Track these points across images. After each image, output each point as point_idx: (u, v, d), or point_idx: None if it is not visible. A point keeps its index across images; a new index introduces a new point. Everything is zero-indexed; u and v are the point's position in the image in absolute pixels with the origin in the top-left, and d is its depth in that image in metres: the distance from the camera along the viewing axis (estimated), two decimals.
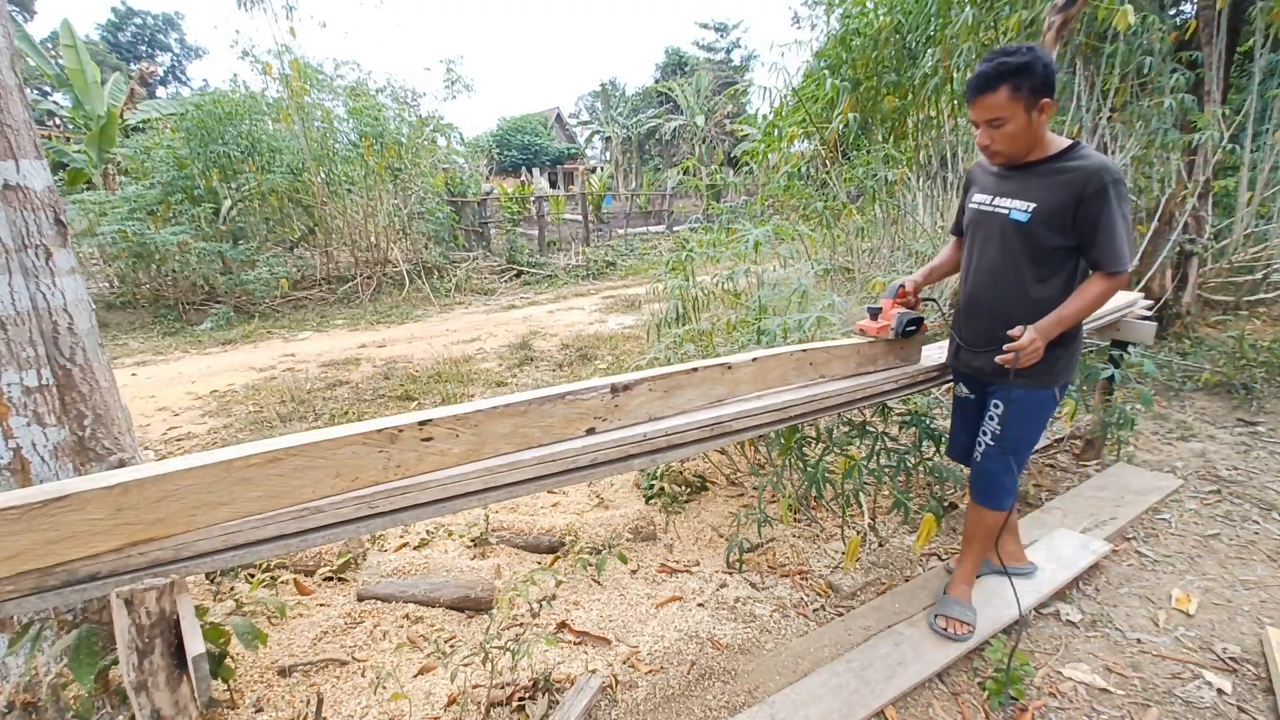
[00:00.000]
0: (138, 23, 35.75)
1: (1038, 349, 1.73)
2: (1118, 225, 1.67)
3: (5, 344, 1.55)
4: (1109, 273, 1.72)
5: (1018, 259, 1.81)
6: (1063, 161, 1.73)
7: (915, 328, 2.06)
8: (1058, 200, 1.71)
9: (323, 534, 1.21)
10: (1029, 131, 1.69)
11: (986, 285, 1.91)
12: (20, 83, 1.61)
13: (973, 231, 1.96)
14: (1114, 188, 1.65)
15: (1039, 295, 1.80)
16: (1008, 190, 1.82)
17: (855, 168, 5.20)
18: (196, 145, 8.94)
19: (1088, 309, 1.75)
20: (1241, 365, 4.27)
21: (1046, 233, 1.74)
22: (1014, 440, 1.93)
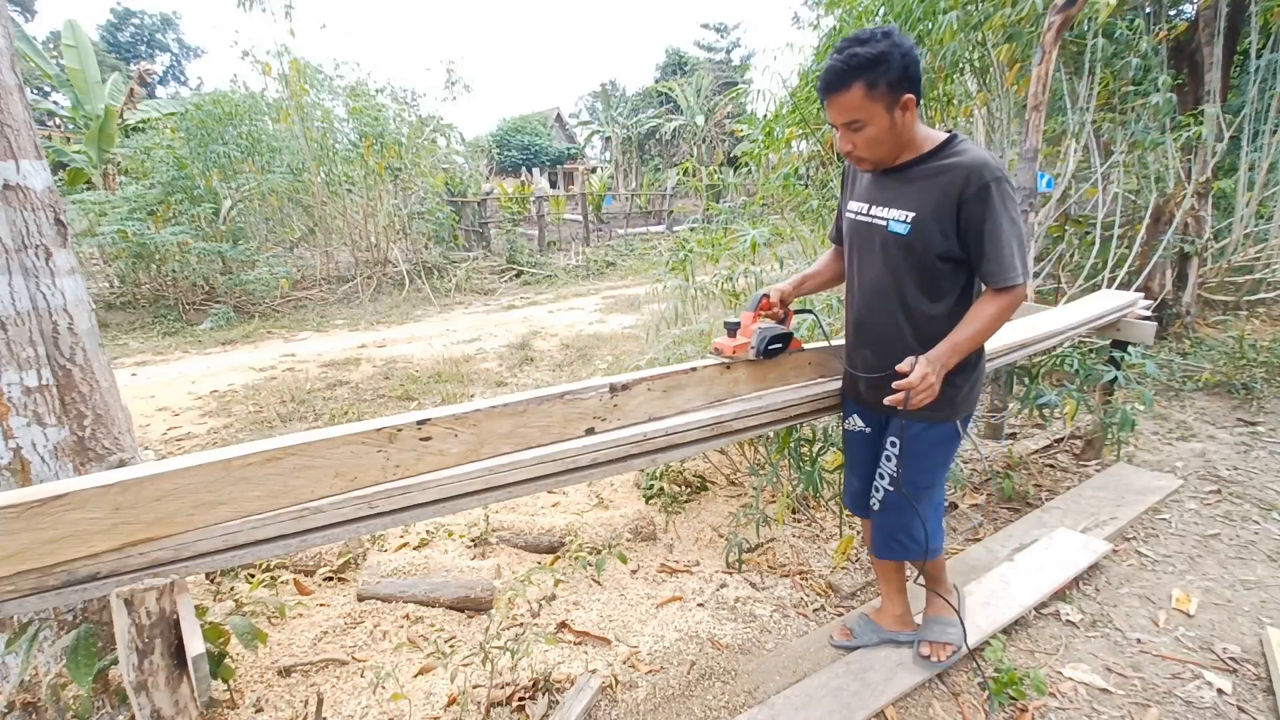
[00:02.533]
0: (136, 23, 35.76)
1: (931, 386, 1.49)
2: (1003, 232, 1.45)
3: (5, 344, 1.55)
4: (998, 288, 1.50)
5: (902, 275, 1.59)
6: (937, 160, 1.51)
7: (781, 346, 1.80)
8: (936, 205, 1.49)
9: (323, 534, 1.21)
10: (893, 133, 1.47)
11: (872, 306, 1.68)
12: (20, 83, 1.61)
13: (851, 244, 1.73)
14: (996, 187, 1.44)
15: (931, 314, 1.59)
16: (883, 198, 1.60)
17: None
18: (196, 145, 8.95)
19: (984, 332, 1.52)
20: (1241, 365, 4.27)
21: (930, 244, 1.52)
22: (914, 483, 1.72)
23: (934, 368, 1.50)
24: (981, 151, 1.49)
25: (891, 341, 1.64)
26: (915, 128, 1.52)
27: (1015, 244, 1.46)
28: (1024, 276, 1.47)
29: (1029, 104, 3.77)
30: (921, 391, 1.48)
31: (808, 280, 1.90)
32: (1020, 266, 1.47)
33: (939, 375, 1.50)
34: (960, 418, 1.70)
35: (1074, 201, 5.20)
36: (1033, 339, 2.57)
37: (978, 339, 1.53)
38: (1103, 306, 3.04)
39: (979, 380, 1.72)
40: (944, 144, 1.53)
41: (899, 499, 1.73)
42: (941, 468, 1.76)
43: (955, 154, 1.50)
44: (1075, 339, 3.00)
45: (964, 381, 1.65)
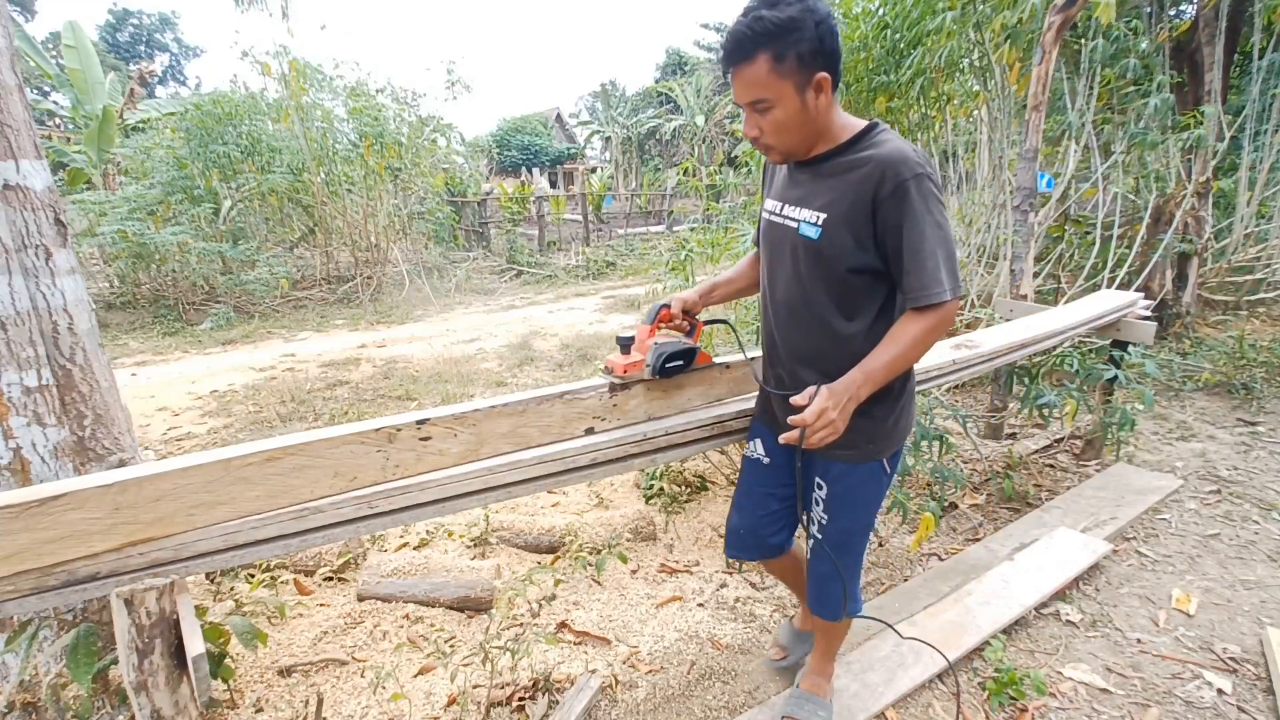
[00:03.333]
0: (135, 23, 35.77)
1: (830, 423, 1.26)
2: (925, 239, 1.22)
3: (5, 344, 1.55)
4: (920, 306, 1.25)
5: (814, 287, 1.36)
6: (852, 153, 1.29)
7: (682, 363, 1.58)
8: (849, 207, 1.27)
9: (323, 534, 1.21)
10: (805, 117, 1.25)
11: (783, 321, 1.46)
12: (20, 83, 1.61)
13: (764, 248, 1.51)
14: (915, 185, 1.21)
15: (847, 334, 1.37)
16: (795, 196, 1.38)
17: None
18: (196, 145, 8.95)
19: (904, 357, 1.28)
20: (1241, 365, 4.27)
21: (841, 252, 1.30)
22: (835, 533, 1.50)
23: (837, 401, 1.27)
24: (901, 143, 1.27)
25: (807, 362, 1.43)
26: (832, 114, 1.30)
27: (941, 253, 1.23)
28: (952, 292, 1.24)
29: (1029, 104, 3.77)
30: (820, 429, 1.26)
31: (719, 287, 1.67)
32: (947, 280, 1.23)
33: (843, 409, 1.27)
34: (886, 455, 1.46)
35: (1074, 201, 5.20)
36: (1033, 339, 2.58)
37: (895, 366, 1.28)
38: (1103, 306, 3.04)
39: (907, 410, 1.47)
40: (862, 134, 1.31)
41: (825, 551, 1.53)
42: (866, 514, 1.52)
43: (871, 146, 1.28)
44: (1075, 339, 3.00)
45: (886, 413, 1.41)
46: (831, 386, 1.29)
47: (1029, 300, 3.87)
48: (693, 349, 1.61)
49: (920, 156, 1.25)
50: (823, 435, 1.27)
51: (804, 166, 1.37)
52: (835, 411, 1.26)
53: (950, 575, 2.37)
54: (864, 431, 1.39)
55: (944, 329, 1.28)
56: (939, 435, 2.51)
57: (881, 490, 1.51)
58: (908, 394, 1.47)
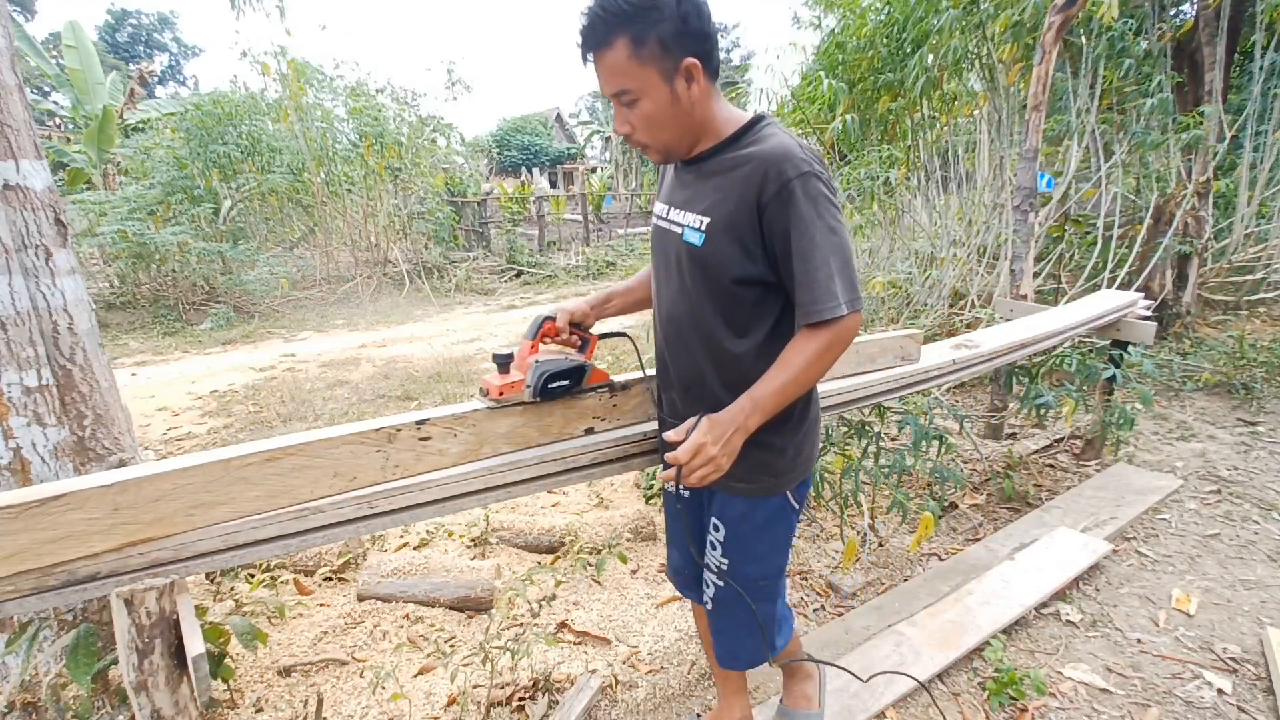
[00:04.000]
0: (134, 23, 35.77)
1: (712, 460, 1.10)
2: (816, 247, 1.08)
3: (5, 344, 1.55)
4: (814, 323, 1.10)
5: (700, 300, 1.21)
6: (735, 149, 1.15)
7: (569, 382, 1.40)
8: (733, 211, 1.13)
9: (323, 534, 1.21)
10: (678, 110, 1.12)
11: (669, 338, 1.32)
12: (20, 83, 1.61)
13: (653, 257, 1.37)
14: (802, 186, 1.07)
15: (737, 353, 1.22)
16: (680, 198, 1.24)
17: (855, 169, 5.21)
18: (196, 145, 8.96)
19: (797, 382, 1.12)
20: (1241, 365, 4.27)
21: (725, 262, 1.15)
22: (743, 575, 1.33)
23: (719, 434, 1.11)
24: (786, 137, 1.13)
25: (698, 385, 1.28)
26: (712, 106, 1.16)
27: (834, 262, 1.08)
28: (849, 305, 1.09)
29: (1029, 104, 3.77)
30: (699, 468, 1.10)
31: (615, 297, 1.52)
32: (842, 292, 1.08)
33: (727, 443, 1.11)
34: (790, 488, 1.30)
35: (1074, 202, 5.21)
36: (1033, 339, 2.58)
37: (788, 391, 1.13)
38: (1103, 306, 3.04)
39: (810, 436, 1.32)
40: (746, 128, 1.17)
41: (732, 594, 1.34)
42: (775, 554, 1.36)
43: (754, 142, 1.14)
44: (1075, 339, 3.00)
45: (785, 442, 1.26)
46: (714, 417, 1.13)
47: (1029, 300, 3.87)
48: (581, 367, 1.42)
49: (808, 153, 1.11)
50: (703, 474, 1.11)
51: (689, 165, 1.23)
52: (717, 447, 1.10)
53: (950, 575, 2.37)
54: (762, 463, 1.24)
55: (842, 347, 1.13)
56: (939, 435, 2.51)
57: (789, 528, 1.35)
58: (811, 418, 1.32)
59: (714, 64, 1.13)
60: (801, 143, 1.13)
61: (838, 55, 5.36)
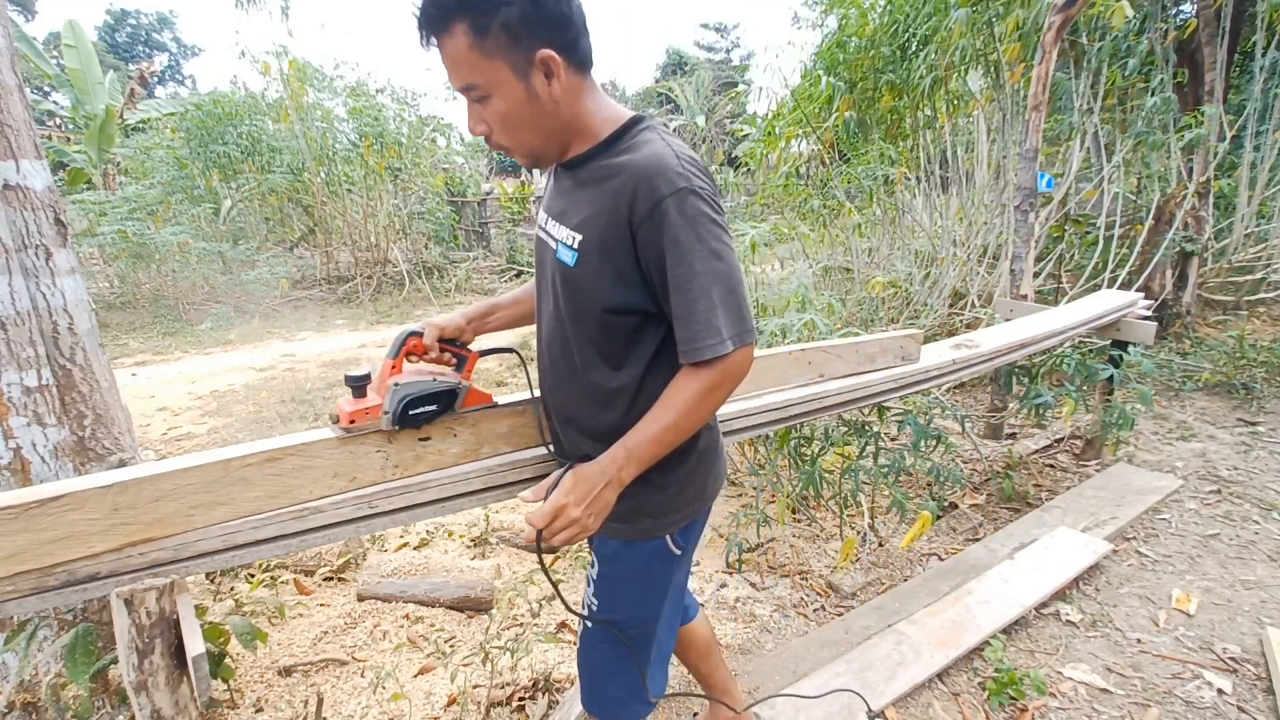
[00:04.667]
0: (133, 23, 35.78)
1: (575, 522, 0.97)
2: (695, 276, 0.94)
3: (5, 344, 1.55)
4: (696, 362, 0.97)
5: (574, 327, 1.08)
6: (610, 155, 1.01)
7: (436, 408, 1.23)
8: (605, 229, 0.98)
9: (323, 534, 1.21)
10: (538, 109, 0.96)
11: (547, 367, 1.18)
12: (20, 83, 1.61)
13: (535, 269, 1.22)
14: (677, 206, 0.93)
15: (613, 388, 1.07)
16: (557, 207, 1.09)
17: (855, 167, 5.21)
18: (196, 145, 8.96)
19: (677, 427, 1.00)
20: (1241, 365, 4.27)
21: (598, 288, 1.01)
22: (617, 619, 1.18)
23: (586, 491, 0.98)
24: (662, 146, 0.97)
25: (576, 420, 1.14)
26: (584, 103, 1.01)
27: (716, 292, 0.95)
28: (736, 340, 0.96)
29: (1029, 104, 3.77)
30: (560, 531, 0.97)
31: (498, 311, 1.34)
32: (726, 326, 0.95)
33: (595, 501, 0.98)
34: (673, 530, 1.14)
35: (1075, 202, 5.21)
36: (1033, 339, 2.58)
37: (667, 438, 1.00)
38: (1103, 306, 3.04)
39: (702, 471, 1.16)
40: (622, 131, 1.02)
41: (601, 636, 1.20)
42: (646, 607, 1.18)
43: (627, 149, 0.99)
44: (1075, 339, 3.00)
45: (669, 479, 1.11)
46: (580, 472, 1.00)
47: (1029, 300, 3.87)
48: (452, 390, 1.24)
49: (686, 164, 0.96)
50: (566, 537, 0.98)
51: (567, 170, 1.08)
52: (580, 507, 0.97)
53: (950, 575, 2.37)
54: (642, 500, 1.09)
55: (730, 386, 1.00)
56: (939, 435, 2.51)
57: (668, 574, 1.17)
58: (700, 451, 1.15)
59: (580, 54, 0.97)
60: (680, 150, 0.99)
61: (838, 55, 5.37)
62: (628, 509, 1.08)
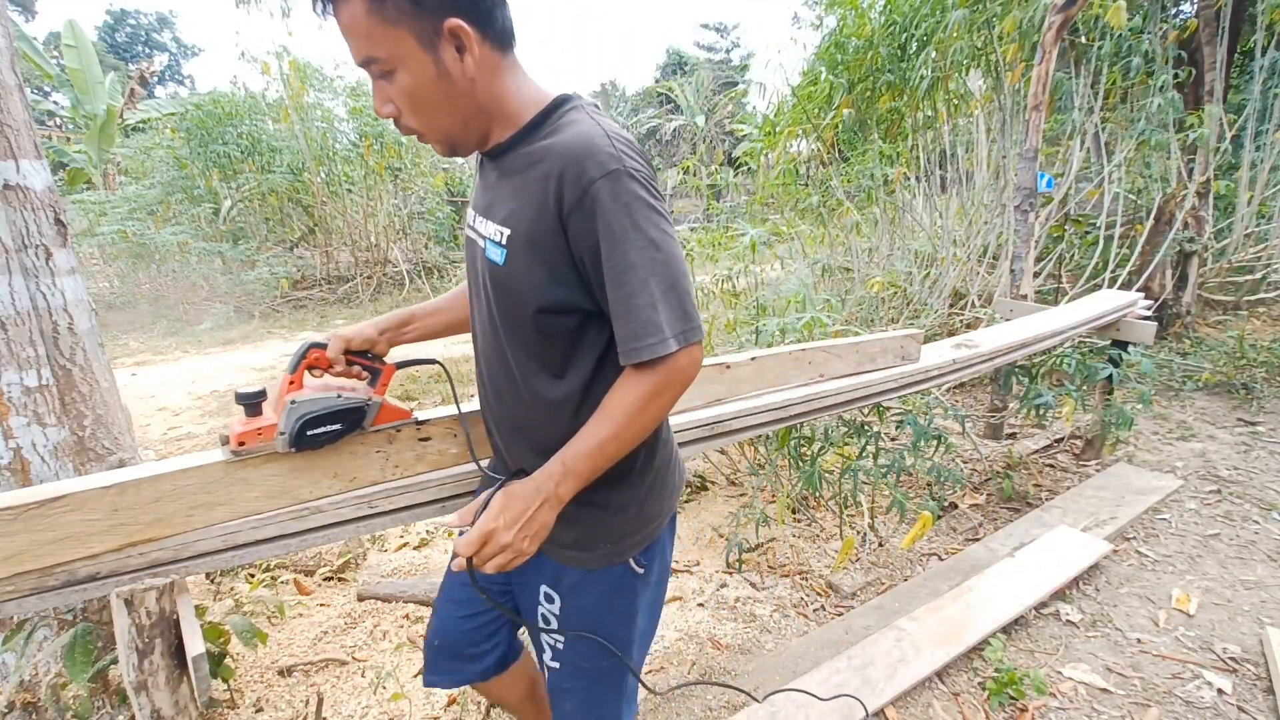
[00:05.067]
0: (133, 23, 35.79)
1: (506, 547, 0.87)
2: (632, 268, 0.85)
3: (5, 344, 1.55)
4: (635, 363, 0.88)
5: (508, 331, 0.98)
6: (534, 140, 0.92)
7: (341, 427, 1.11)
8: (533, 219, 0.88)
9: (323, 534, 1.21)
10: (449, 87, 0.86)
11: (485, 376, 1.08)
12: (20, 83, 1.61)
13: (467, 270, 1.12)
14: (610, 188, 0.83)
15: (554, 399, 0.97)
16: (484, 202, 1.00)
17: (853, 166, 5.22)
18: (196, 145, 8.96)
19: (620, 437, 0.89)
20: (1241, 365, 4.27)
21: (534, 285, 0.91)
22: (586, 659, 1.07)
23: (518, 512, 0.87)
24: (591, 125, 0.88)
25: (520, 432, 1.04)
26: (504, 83, 0.91)
27: (657, 285, 0.85)
28: (680, 338, 0.87)
29: (1029, 104, 3.77)
30: (493, 557, 0.87)
31: (416, 320, 1.22)
32: (669, 323, 0.86)
33: (530, 522, 0.88)
34: (635, 553, 1.05)
35: (1075, 202, 5.21)
36: (1033, 339, 2.58)
37: (608, 450, 0.90)
38: (1103, 306, 3.04)
39: (659, 486, 1.07)
40: (547, 113, 0.93)
41: (572, 676, 1.09)
42: (618, 635, 1.07)
43: (551, 132, 0.90)
44: (1075, 339, 3.00)
45: (626, 499, 1.02)
46: (511, 491, 0.89)
47: (1029, 300, 3.87)
48: (359, 407, 1.12)
49: (619, 144, 0.87)
50: (499, 563, 0.87)
51: (492, 160, 0.98)
52: (512, 531, 0.86)
53: (950, 574, 2.37)
54: (597, 526, 1.01)
55: (676, 389, 0.90)
56: (939, 435, 2.51)
57: (635, 599, 1.08)
58: (657, 466, 1.06)
59: (497, 28, 0.87)
60: (611, 129, 0.89)
61: (837, 55, 5.37)
62: (584, 535, 1.01)
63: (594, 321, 0.94)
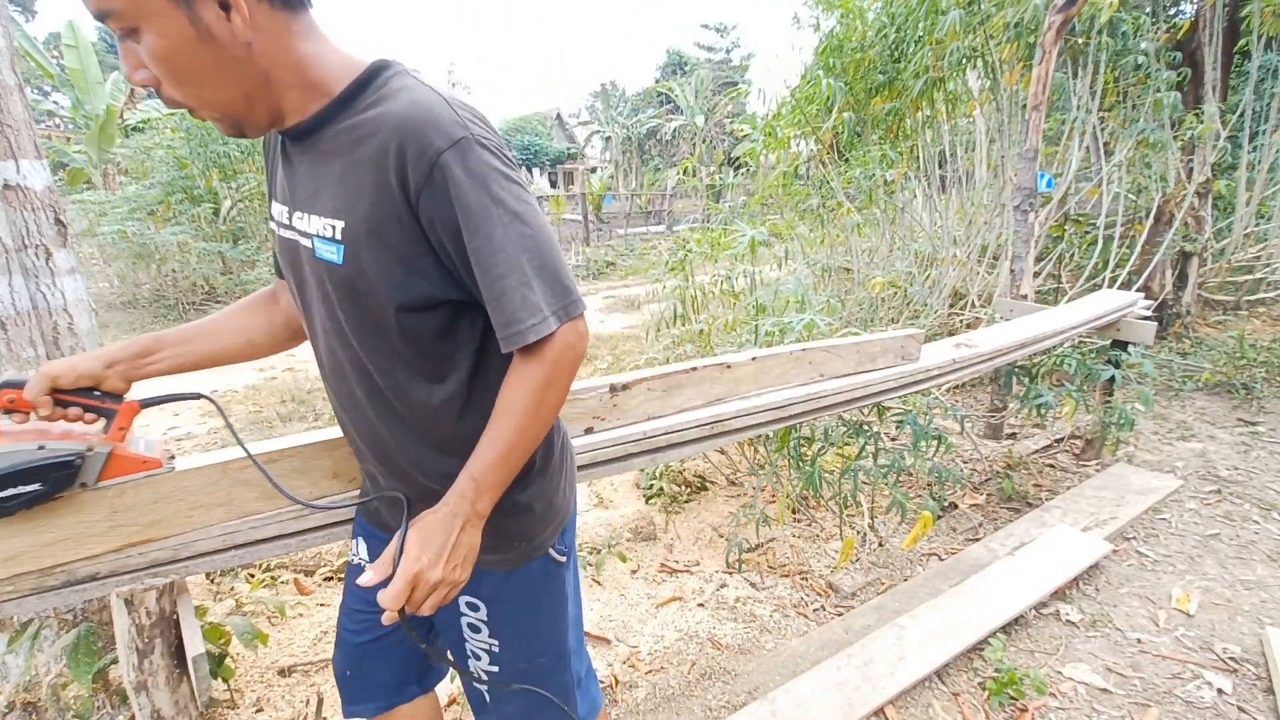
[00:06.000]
0: None
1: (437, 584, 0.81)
2: (498, 247, 0.77)
3: (5, 344, 1.55)
4: (522, 349, 0.81)
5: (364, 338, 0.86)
6: (353, 115, 0.80)
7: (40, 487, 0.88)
8: (371, 206, 0.78)
9: (323, 534, 1.21)
10: (216, 53, 0.72)
11: (341, 394, 0.95)
12: (20, 83, 1.61)
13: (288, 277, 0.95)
14: (460, 160, 0.75)
15: (436, 404, 0.88)
16: (300, 193, 0.85)
17: (853, 168, 5.22)
18: (196, 145, 8.96)
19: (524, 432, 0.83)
20: (1241, 365, 4.27)
21: (387, 282, 0.80)
22: (530, 659, 1.02)
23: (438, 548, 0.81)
24: (424, 92, 0.78)
25: (394, 453, 0.93)
26: (297, 47, 0.77)
27: (528, 261, 0.78)
28: (559, 315, 0.80)
29: (1029, 104, 3.77)
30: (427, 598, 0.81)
31: (163, 349, 1.02)
32: (548, 300, 0.79)
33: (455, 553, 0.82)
34: (552, 543, 1.01)
35: (1075, 202, 5.21)
36: (1033, 339, 2.58)
37: (516, 452, 0.83)
38: (1103, 306, 3.04)
39: (558, 477, 1.02)
40: (363, 82, 0.81)
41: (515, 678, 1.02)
42: (552, 629, 1.04)
43: (377, 101, 0.79)
44: (1075, 339, 3.01)
45: (531, 497, 0.96)
46: (423, 525, 0.82)
47: (1029, 300, 3.87)
48: (66, 461, 0.88)
49: (462, 110, 0.78)
50: (435, 601, 0.82)
51: (296, 141, 0.85)
52: (439, 567, 0.80)
53: (950, 574, 2.37)
54: (509, 527, 0.95)
55: (566, 371, 0.83)
56: (938, 435, 2.51)
57: (560, 588, 1.03)
58: (555, 459, 1.01)
59: None
60: (450, 95, 0.79)
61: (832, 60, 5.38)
62: (497, 538, 0.93)
63: (465, 312, 0.85)
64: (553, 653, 1.04)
